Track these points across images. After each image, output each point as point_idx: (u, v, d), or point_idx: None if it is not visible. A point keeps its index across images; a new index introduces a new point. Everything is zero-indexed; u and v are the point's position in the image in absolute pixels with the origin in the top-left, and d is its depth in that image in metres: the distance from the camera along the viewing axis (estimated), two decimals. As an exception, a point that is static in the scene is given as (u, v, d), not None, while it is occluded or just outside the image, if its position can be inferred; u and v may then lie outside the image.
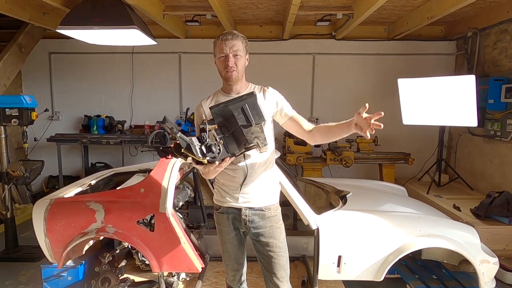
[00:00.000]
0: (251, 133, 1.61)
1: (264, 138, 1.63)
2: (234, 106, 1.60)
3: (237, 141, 1.63)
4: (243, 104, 1.60)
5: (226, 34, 1.77)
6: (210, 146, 1.55)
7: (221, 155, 1.58)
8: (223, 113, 1.61)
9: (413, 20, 4.45)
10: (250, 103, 1.60)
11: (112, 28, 3.40)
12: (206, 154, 1.54)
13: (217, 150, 1.56)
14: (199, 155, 1.53)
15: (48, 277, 2.71)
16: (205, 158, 1.54)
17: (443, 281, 2.87)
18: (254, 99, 1.61)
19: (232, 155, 1.64)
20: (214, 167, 1.61)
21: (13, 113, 3.43)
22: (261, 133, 1.63)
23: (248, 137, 1.61)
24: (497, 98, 4.05)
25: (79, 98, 5.62)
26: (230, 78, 1.80)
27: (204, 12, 4.40)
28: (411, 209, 2.96)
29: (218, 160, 1.59)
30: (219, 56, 1.79)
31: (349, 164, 4.79)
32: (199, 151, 1.53)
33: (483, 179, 4.58)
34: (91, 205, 2.50)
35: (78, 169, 5.68)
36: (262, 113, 1.62)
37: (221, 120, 1.62)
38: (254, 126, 1.61)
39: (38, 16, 4.35)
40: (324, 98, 5.49)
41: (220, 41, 1.77)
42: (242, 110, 1.60)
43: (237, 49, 1.77)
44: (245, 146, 1.63)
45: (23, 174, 3.44)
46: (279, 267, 1.88)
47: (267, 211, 1.89)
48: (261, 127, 1.63)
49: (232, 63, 1.76)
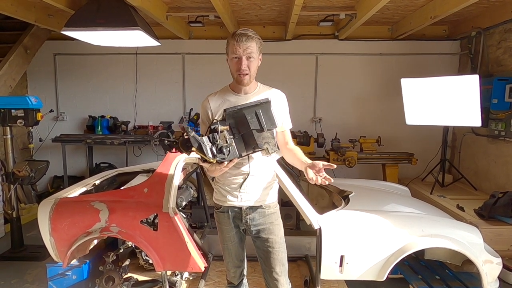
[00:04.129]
0: (262, 137, 1.65)
1: (275, 144, 1.67)
2: (249, 110, 1.64)
3: (247, 144, 1.66)
4: (257, 109, 1.63)
5: (241, 35, 1.72)
6: (221, 148, 1.57)
7: (230, 156, 1.60)
8: (236, 115, 1.64)
9: (416, 20, 4.44)
10: (264, 109, 1.64)
11: (116, 30, 3.43)
12: (216, 155, 1.56)
13: (227, 152, 1.58)
14: (209, 156, 1.55)
15: (53, 276, 2.73)
16: (215, 158, 1.56)
17: (446, 281, 2.86)
18: (268, 106, 1.65)
19: (240, 156, 1.66)
20: (222, 167, 1.63)
21: (19, 113, 3.47)
22: (271, 138, 1.67)
23: (259, 141, 1.64)
24: (501, 98, 4.03)
25: (84, 99, 5.67)
26: (242, 82, 1.80)
27: (207, 13, 4.42)
28: (414, 209, 2.95)
29: (227, 160, 1.61)
30: (232, 56, 1.77)
31: (352, 164, 4.79)
32: (209, 152, 1.55)
33: (487, 179, 4.55)
34: (96, 205, 2.52)
35: (83, 169, 5.72)
36: (275, 119, 1.66)
37: (232, 121, 1.64)
38: (266, 132, 1.64)
39: (43, 17, 4.40)
40: (327, 98, 5.49)
41: (234, 42, 1.73)
42: (255, 114, 1.63)
43: (251, 52, 1.75)
44: (253, 149, 1.66)
45: (28, 174, 3.48)
46: (278, 262, 1.92)
47: (267, 208, 1.92)
48: (272, 133, 1.66)
49: (245, 66, 1.75)
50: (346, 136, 5.08)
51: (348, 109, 5.50)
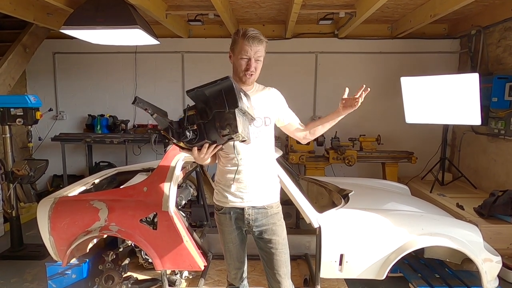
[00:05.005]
0: (224, 119, 1.51)
1: (236, 126, 1.50)
2: (210, 90, 1.52)
3: (214, 127, 1.55)
4: (218, 88, 1.51)
5: (254, 38, 1.73)
6: (184, 130, 1.54)
7: (197, 140, 1.55)
8: (200, 97, 1.55)
9: (416, 18, 4.43)
10: (226, 87, 1.50)
11: (115, 28, 3.42)
12: (180, 138, 1.54)
13: (190, 135, 1.53)
14: (171, 137, 1.55)
15: (53, 275, 2.73)
16: (180, 141, 1.56)
17: (446, 280, 2.87)
18: (229, 83, 1.50)
19: (214, 142, 1.59)
20: (198, 153, 1.62)
21: (18, 112, 3.46)
22: (233, 120, 1.50)
23: (222, 123, 1.52)
24: (501, 96, 4.02)
25: (83, 98, 5.66)
26: (246, 82, 1.83)
27: (206, 11, 4.41)
28: (413, 208, 2.95)
29: (196, 145, 1.58)
30: (240, 56, 1.77)
31: (352, 163, 4.79)
32: (175, 134, 1.55)
33: (486, 177, 4.55)
34: (95, 204, 2.52)
35: (82, 168, 5.72)
36: (237, 99, 1.50)
37: (202, 105, 1.56)
38: (228, 112, 1.50)
39: (42, 16, 4.39)
40: (326, 97, 5.48)
41: (246, 42, 1.74)
42: (218, 94, 1.52)
43: (260, 55, 1.78)
44: (219, 133, 1.55)
45: (28, 173, 3.47)
46: (281, 264, 1.90)
47: (270, 209, 1.90)
48: (234, 113, 1.50)
49: (253, 68, 1.79)
50: (345, 134, 5.08)
51: (347, 108, 5.48)
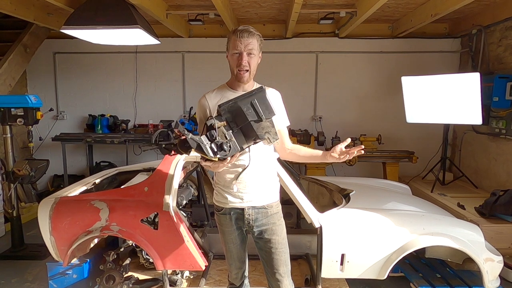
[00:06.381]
0: (261, 128, 1.58)
1: (275, 132, 1.61)
2: (244, 102, 1.57)
3: (246, 136, 1.60)
4: (252, 99, 1.57)
5: (242, 31, 1.73)
6: (221, 145, 1.53)
7: (231, 151, 1.57)
8: (232, 109, 1.59)
9: (417, 18, 4.43)
10: (260, 98, 1.57)
11: (116, 28, 3.42)
12: (217, 152, 1.53)
13: (228, 148, 1.54)
14: (210, 155, 1.51)
15: (54, 275, 2.73)
16: (217, 156, 1.53)
17: (447, 280, 2.86)
18: (263, 94, 1.58)
19: (241, 150, 1.62)
20: (225, 163, 1.59)
21: (19, 112, 3.46)
22: (271, 127, 1.60)
23: (259, 132, 1.58)
24: (502, 96, 4.02)
25: (84, 98, 5.66)
26: (242, 79, 1.79)
27: (207, 11, 4.41)
28: (415, 208, 2.95)
29: (229, 156, 1.58)
30: (232, 52, 1.77)
31: (353, 163, 4.79)
32: (210, 151, 1.52)
33: (487, 177, 4.55)
34: (96, 204, 2.52)
35: (83, 168, 5.72)
36: (272, 107, 1.59)
37: (229, 116, 1.59)
38: (265, 121, 1.58)
39: (43, 16, 4.39)
40: (327, 97, 5.49)
41: (236, 37, 1.74)
42: (251, 105, 1.57)
43: (252, 48, 1.75)
44: (254, 141, 1.61)
45: (28, 173, 3.47)
46: (281, 263, 1.90)
47: (270, 208, 1.89)
48: (271, 121, 1.60)
49: (245, 62, 1.75)
50: (346, 134, 5.07)
51: (348, 107, 5.49)
